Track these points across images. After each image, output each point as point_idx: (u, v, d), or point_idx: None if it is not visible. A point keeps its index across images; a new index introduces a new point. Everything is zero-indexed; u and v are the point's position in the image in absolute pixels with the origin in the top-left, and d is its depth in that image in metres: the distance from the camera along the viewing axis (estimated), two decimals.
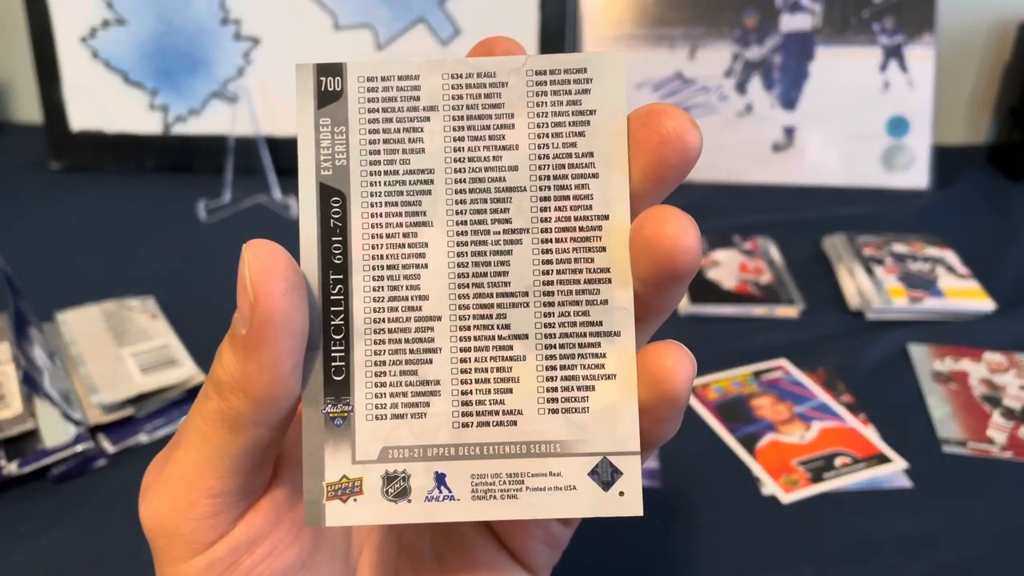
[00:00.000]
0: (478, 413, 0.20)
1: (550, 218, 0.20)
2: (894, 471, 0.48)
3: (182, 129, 0.85)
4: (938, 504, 0.46)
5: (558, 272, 0.20)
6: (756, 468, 0.48)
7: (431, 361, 0.20)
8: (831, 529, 0.44)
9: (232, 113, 0.80)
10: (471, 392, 0.20)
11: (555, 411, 0.20)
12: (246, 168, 0.79)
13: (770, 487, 0.47)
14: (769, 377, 0.56)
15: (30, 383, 0.48)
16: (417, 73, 0.21)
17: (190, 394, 0.52)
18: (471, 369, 0.20)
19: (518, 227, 0.20)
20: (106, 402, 0.49)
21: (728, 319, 0.62)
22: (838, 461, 0.48)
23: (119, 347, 0.54)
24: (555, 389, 0.20)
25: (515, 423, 0.20)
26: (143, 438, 0.49)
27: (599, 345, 0.20)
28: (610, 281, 0.20)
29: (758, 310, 0.63)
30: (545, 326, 0.20)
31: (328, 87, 0.21)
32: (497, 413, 0.20)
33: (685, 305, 0.63)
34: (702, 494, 0.46)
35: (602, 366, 0.20)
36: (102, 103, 0.84)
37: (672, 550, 0.43)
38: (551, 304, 0.20)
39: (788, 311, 0.63)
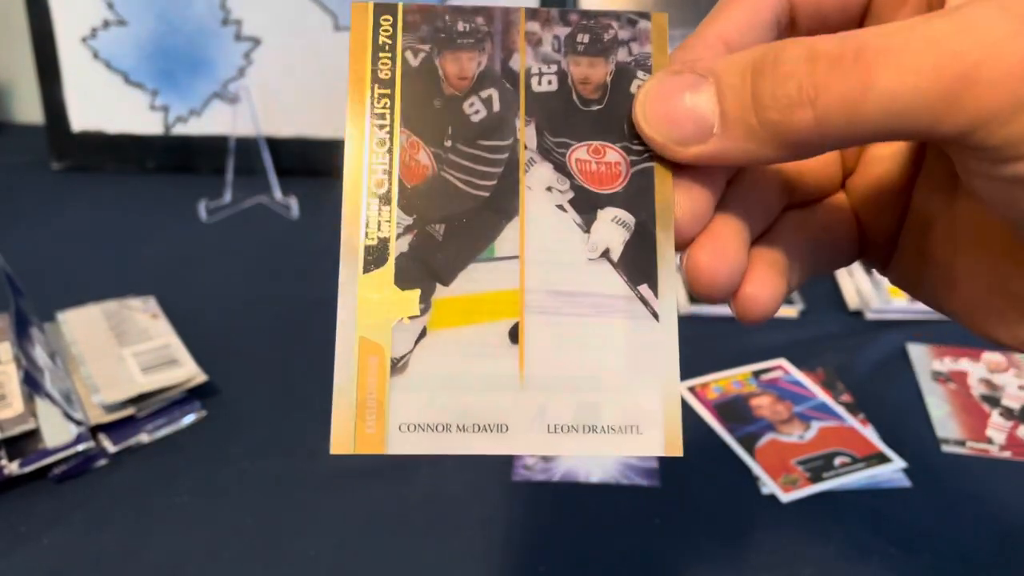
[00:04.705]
0: None
1: None
2: (893, 470, 0.48)
3: (183, 129, 0.85)
4: (937, 503, 0.46)
5: None
6: (755, 468, 0.48)
7: None
8: (830, 529, 0.44)
9: (233, 113, 0.80)
10: None
11: None
12: (247, 168, 0.79)
13: (769, 487, 0.47)
14: (768, 377, 0.56)
15: (31, 383, 0.48)
16: None
17: (191, 394, 0.52)
18: None
19: None
20: (107, 402, 0.49)
21: (728, 319, 0.62)
22: (837, 461, 0.48)
23: (120, 347, 0.54)
24: None
25: None
26: (144, 438, 0.49)
27: None
28: None
29: None
30: None
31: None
32: None
33: (685, 305, 0.63)
34: (702, 494, 0.47)
35: None
36: (103, 103, 0.85)
37: (672, 550, 0.43)
38: None
39: (787, 311, 0.63)
